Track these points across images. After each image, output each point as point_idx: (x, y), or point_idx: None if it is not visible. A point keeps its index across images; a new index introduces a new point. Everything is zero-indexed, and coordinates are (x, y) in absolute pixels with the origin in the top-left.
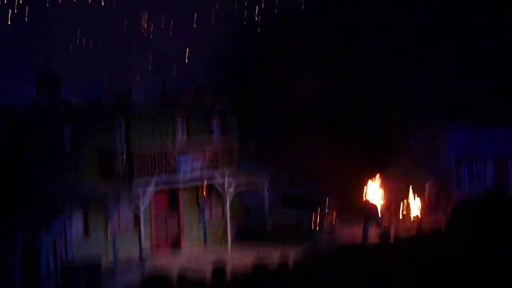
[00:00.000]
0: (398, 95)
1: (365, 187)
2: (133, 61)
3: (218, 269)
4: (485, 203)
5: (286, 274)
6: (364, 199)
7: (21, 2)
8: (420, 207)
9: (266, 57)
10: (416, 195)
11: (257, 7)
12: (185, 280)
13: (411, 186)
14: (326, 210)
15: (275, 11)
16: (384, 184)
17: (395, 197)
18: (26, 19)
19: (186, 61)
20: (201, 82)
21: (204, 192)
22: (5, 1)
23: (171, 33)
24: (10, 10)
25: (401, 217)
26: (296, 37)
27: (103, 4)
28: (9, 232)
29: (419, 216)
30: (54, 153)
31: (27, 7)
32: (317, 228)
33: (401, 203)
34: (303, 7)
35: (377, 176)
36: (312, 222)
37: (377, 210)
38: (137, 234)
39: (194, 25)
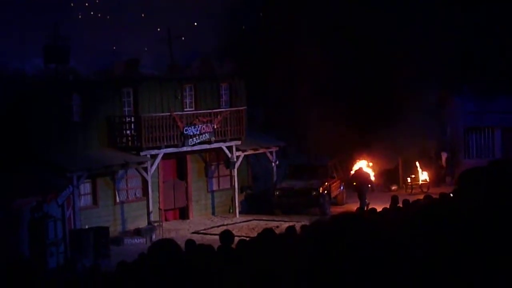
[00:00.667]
0: (406, 63)
1: (356, 161)
2: (141, 30)
3: (226, 232)
4: (491, 170)
5: (293, 237)
6: (353, 171)
7: None
8: (427, 176)
9: (274, 22)
10: (422, 166)
11: None
12: (193, 243)
13: (417, 160)
14: (333, 180)
15: None
16: (376, 158)
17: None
18: None
19: (195, 28)
20: (208, 50)
21: (212, 161)
22: None
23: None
24: None
25: (409, 182)
26: (304, 1)
27: None
28: (16, 201)
29: (427, 181)
30: (62, 123)
31: None
32: (325, 198)
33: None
34: None
35: (363, 155)
36: (320, 191)
37: (369, 179)
38: (146, 203)
39: None
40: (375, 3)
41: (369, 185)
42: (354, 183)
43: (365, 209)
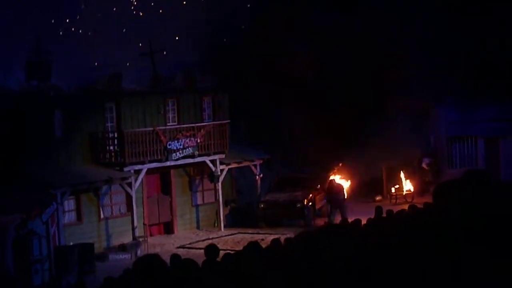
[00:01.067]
0: (389, 71)
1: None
2: (123, 45)
3: (211, 246)
4: (465, 183)
5: (279, 250)
6: (329, 181)
7: None
8: (412, 185)
9: (256, 35)
10: (406, 176)
11: None
12: (179, 258)
13: (402, 170)
14: (318, 192)
15: None
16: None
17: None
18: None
19: (176, 42)
20: (190, 64)
21: (196, 175)
22: None
23: (161, 12)
24: None
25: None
26: (286, 13)
27: None
28: (1, 218)
29: (411, 191)
30: (45, 139)
31: None
32: (310, 210)
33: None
34: None
35: (338, 167)
36: (304, 203)
37: (343, 191)
38: (130, 218)
39: (184, 3)
40: (359, 12)
41: (342, 198)
42: (327, 196)
43: (330, 222)
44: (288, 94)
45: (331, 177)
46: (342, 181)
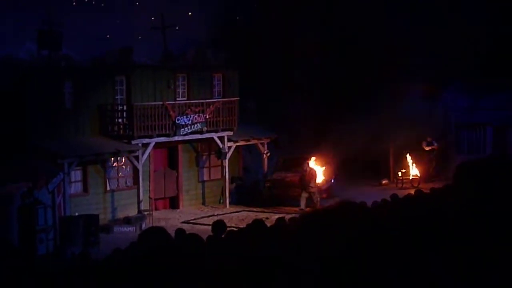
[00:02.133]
0: (397, 56)
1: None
2: (135, 19)
3: (218, 222)
4: (490, 163)
5: (283, 228)
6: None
7: None
8: (418, 171)
9: (269, 12)
10: (413, 160)
11: None
12: (183, 232)
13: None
14: (324, 172)
15: None
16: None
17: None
18: None
19: (189, 17)
20: (202, 40)
21: (203, 151)
22: None
23: None
24: None
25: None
26: None
27: None
28: (6, 186)
29: (418, 176)
30: (54, 109)
31: None
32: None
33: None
34: None
35: (314, 156)
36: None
37: (315, 177)
38: (136, 191)
39: None
40: None
41: (313, 184)
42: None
43: (301, 209)
44: (298, 74)
45: (307, 162)
46: (317, 166)
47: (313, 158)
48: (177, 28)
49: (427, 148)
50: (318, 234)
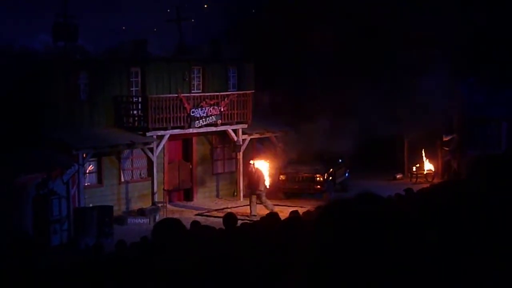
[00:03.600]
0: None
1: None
2: (151, 11)
3: (229, 215)
4: (506, 158)
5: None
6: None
7: None
8: (433, 166)
9: (284, 5)
10: (427, 155)
11: None
12: (198, 224)
13: (423, 149)
14: (339, 166)
15: None
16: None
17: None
18: None
19: (204, 10)
20: (217, 33)
21: (218, 144)
22: None
23: None
24: None
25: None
26: None
27: None
28: (21, 177)
29: (432, 171)
30: (69, 101)
31: None
32: (330, 184)
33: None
34: None
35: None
36: (325, 177)
37: (262, 178)
38: (150, 183)
39: None
40: None
41: (261, 187)
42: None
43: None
44: (313, 67)
45: (251, 162)
46: (263, 165)
47: (256, 159)
48: (192, 20)
49: (446, 138)
50: (334, 225)
